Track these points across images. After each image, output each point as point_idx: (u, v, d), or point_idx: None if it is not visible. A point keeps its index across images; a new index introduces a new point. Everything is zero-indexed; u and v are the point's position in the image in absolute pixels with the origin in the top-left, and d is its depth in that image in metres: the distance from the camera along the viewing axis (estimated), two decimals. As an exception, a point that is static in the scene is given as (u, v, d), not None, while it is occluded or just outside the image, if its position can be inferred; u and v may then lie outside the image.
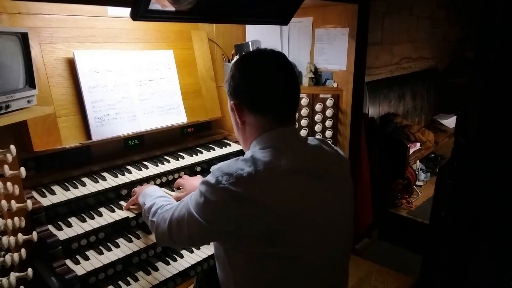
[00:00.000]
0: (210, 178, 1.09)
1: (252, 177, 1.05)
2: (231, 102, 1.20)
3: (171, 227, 1.21)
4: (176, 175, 1.88)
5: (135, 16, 1.36)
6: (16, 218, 1.26)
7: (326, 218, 1.14)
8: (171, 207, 1.25)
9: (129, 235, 1.60)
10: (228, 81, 1.20)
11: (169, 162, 1.90)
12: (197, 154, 2.01)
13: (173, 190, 1.80)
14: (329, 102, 2.17)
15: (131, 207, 1.63)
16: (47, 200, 1.50)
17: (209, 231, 1.11)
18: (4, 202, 1.21)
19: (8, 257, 1.20)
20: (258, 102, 1.15)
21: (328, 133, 2.22)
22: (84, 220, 1.53)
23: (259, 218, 1.04)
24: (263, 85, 1.14)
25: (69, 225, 1.49)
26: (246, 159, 1.09)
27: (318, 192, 1.13)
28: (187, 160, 1.95)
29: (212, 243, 1.54)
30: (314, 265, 1.13)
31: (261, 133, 1.16)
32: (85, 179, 1.67)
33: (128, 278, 1.50)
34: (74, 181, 1.64)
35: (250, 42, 2.31)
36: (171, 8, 1.44)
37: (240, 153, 2.08)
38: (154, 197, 1.41)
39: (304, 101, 2.23)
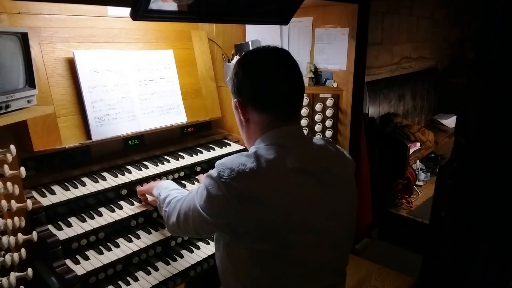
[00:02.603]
0: (214, 172, 1.10)
1: (253, 173, 1.05)
2: (235, 100, 1.20)
3: (179, 217, 1.24)
4: (176, 175, 1.88)
5: (135, 16, 1.36)
6: (16, 218, 1.25)
7: (326, 220, 1.13)
8: (181, 198, 1.28)
9: (129, 235, 1.60)
10: (231, 79, 1.19)
11: (169, 162, 1.90)
12: (197, 154, 2.01)
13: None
14: (329, 102, 2.17)
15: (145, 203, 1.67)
16: (47, 200, 1.50)
17: (211, 224, 1.12)
18: (4, 202, 1.21)
19: (8, 257, 1.20)
20: (262, 100, 1.15)
21: (328, 133, 2.22)
22: (84, 220, 1.53)
23: (257, 214, 1.05)
24: (266, 82, 1.13)
25: (69, 225, 1.49)
26: (249, 155, 1.10)
27: (319, 193, 1.12)
28: (187, 160, 1.95)
29: (213, 237, 1.56)
30: (311, 265, 1.13)
31: (265, 131, 1.16)
32: (85, 179, 1.67)
33: (128, 278, 1.50)
34: (74, 181, 1.64)
35: (250, 42, 2.31)
36: (172, 4, 1.44)
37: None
38: (169, 189, 1.44)
39: (304, 101, 2.22)
